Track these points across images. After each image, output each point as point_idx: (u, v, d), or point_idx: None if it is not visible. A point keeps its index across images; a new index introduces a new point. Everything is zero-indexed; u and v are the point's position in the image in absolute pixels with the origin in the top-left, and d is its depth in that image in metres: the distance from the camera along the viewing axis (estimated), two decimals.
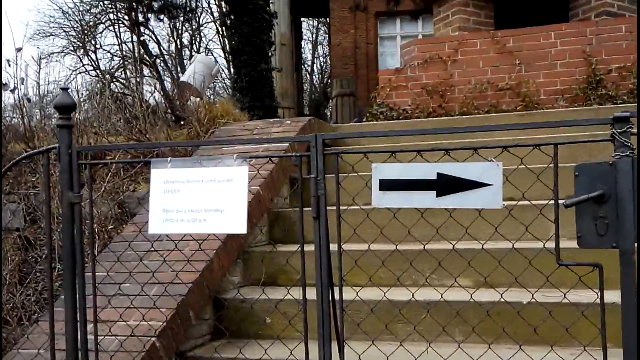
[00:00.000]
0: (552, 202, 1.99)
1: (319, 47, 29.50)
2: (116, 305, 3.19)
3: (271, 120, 5.62)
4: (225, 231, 2.24)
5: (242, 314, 3.58)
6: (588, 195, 1.83)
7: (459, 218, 3.17)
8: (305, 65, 26.98)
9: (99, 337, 2.79)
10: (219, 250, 3.58)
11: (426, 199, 2.01)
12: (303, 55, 23.23)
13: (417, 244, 3.30)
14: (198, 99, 5.83)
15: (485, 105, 7.83)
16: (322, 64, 29.80)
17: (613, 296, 2.45)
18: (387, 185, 2.05)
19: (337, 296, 2.26)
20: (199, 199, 2.29)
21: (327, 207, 2.20)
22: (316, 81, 29.65)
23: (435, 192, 2.00)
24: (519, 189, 2.36)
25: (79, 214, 2.51)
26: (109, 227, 4.35)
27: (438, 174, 1.99)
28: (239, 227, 2.21)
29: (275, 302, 3.46)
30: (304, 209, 2.23)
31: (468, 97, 7.83)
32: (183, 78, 6.71)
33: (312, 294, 2.30)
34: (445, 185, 1.98)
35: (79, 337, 2.57)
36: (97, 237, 4.09)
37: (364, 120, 8.69)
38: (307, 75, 28.03)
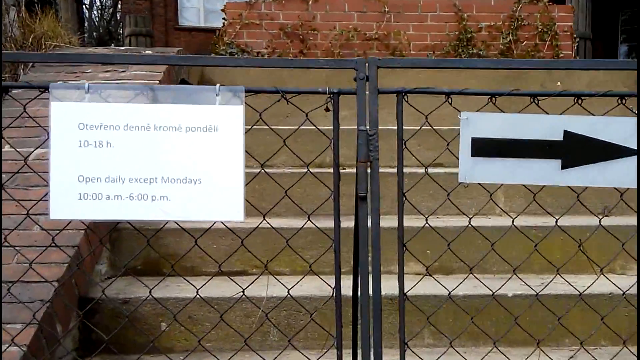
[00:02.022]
0: None
1: None
2: None
3: (122, 48, 4.52)
4: (208, 218, 1.36)
5: (123, 320, 2.63)
6: None
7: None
8: None
9: None
10: (88, 230, 2.56)
11: (545, 173, 1.35)
12: None
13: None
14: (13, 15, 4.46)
15: (351, 55, 7.36)
16: None
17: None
18: (485, 147, 1.35)
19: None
20: (153, 160, 1.36)
21: None
22: (95, 17, 27.37)
23: (559, 160, 1.34)
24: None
25: None
26: None
27: (566, 132, 1.33)
28: (233, 210, 1.35)
29: (175, 301, 2.61)
30: None
31: (333, 44, 7.27)
32: None
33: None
34: (576, 151, 1.34)
35: None
36: None
37: None
38: (86, 10, 25.71)
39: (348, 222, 2.33)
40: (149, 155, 1.37)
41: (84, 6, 22.51)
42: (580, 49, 10.10)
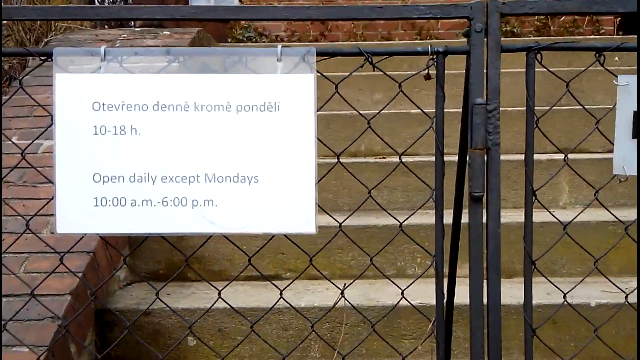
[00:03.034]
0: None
1: None
2: None
3: (137, 29, 4.19)
4: (267, 230, 1.01)
5: (145, 334, 2.30)
6: None
7: None
8: None
9: None
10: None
11: None
12: None
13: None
14: None
15: (374, 37, 6.99)
16: None
17: None
18: None
19: None
20: (193, 152, 1.01)
21: None
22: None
23: None
24: None
25: None
26: None
27: None
28: (301, 219, 0.99)
29: (204, 311, 2.27)
30: None
31: (356, 25, 6.92)
32: None
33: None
34: None
35: None
36: None
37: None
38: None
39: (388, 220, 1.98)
40: (188, 145, 1.00)
41: None
42: None
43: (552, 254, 2.49)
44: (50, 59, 1.02)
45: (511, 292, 2.19)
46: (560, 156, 2.94)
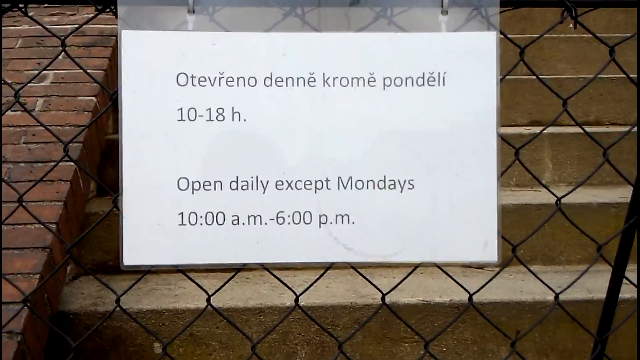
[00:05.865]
0: None
1: None
2: None
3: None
4: (429, 259, 0.72)
5: (104, 341, 1.94)
6: None
7: None
8: None
9: None
10: (61, 223, 1.83)
11: None
12: None
13: None
14: None
15: None
16: None
17: None
18: None
19: None
20: (320, 145, 0.70)
21: None
22: None
23: None
24: None
25: None
26: None
27: None
28: (476, 242, 0.71)
29: (173, 314, 1.95)
30: None
31: None
32: None
33: None
34: None
35: None
36: None
37: None
38: None
39: None
40: (314, 136, 0.68)
41: None
42: None
43: (548, 240, 2.32)
44: (120, 10, 0.65)
45: (515, 283, 2.02)
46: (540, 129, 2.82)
